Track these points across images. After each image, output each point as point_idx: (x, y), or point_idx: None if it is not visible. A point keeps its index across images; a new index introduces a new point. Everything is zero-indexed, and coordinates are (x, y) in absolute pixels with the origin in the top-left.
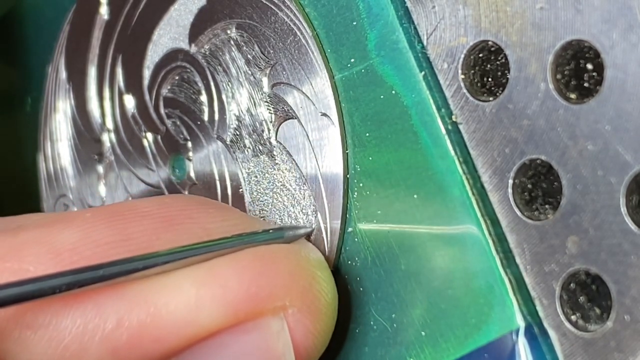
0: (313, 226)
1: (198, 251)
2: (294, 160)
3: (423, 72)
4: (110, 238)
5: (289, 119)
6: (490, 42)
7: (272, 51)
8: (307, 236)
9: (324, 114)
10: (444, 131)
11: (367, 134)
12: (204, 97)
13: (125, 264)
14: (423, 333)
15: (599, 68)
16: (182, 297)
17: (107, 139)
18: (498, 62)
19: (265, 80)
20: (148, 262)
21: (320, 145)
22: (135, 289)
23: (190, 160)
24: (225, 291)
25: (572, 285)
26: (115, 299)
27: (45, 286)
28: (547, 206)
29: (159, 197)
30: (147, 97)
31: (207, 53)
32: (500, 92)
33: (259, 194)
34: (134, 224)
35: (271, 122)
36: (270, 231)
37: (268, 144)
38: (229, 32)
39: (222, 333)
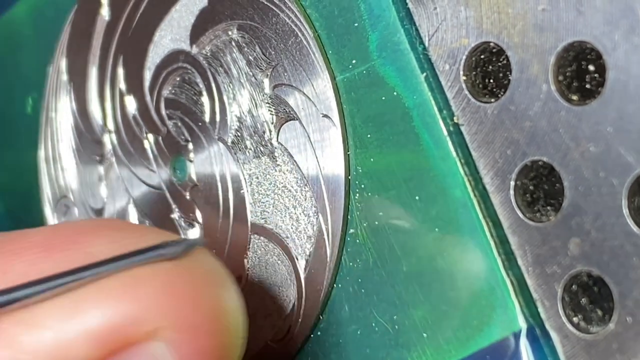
0: (202, 241)
1: (65, 279)
2: (295, 161)
3: (425, 74)
4: None
5: (290, 120)
6: (492, 44)
7: (273, 52)
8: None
9: (326, 116)
10: (445, 133)
11: (369, 136)
12: (205, 99)
13: None
14: (425, 335)
15: (601, 70)
16: (46, 334)
17: (108, 140)
18: (500, 64)
19: (266, 82)
20: (16, 296)
21: (322, 147)
22: (2, 324)
23: (191, 161)
24: (88, 324)
25: (574, 287)
26: None
27: None
28: (549, 208)
29: (54, 225)
30: (148, 98)
31: (208, 54)
32: (502, 93)
33: (261, 195)
34: (13, 257)
35: (272, 123)
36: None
37: (269, 145)
38: (230, 33)
39: None
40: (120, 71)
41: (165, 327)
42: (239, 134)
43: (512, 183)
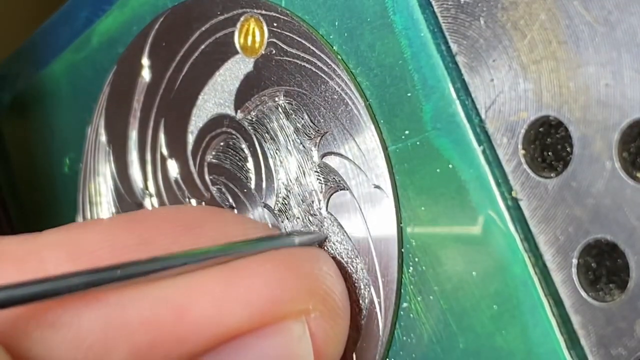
0: (327, 235)
1: (217, 253)
2: (345, 232)
3: (482, 147)
4: (129, 242)
5: (340, 190)
6: (551, 117)
7: (322, 120)
8: (320, 243)
9: (377, 186)
10: (503, 208)
11: (423, 208)
12: (250, 165)
13: (143, 265)
14: None
15: None
16: (207, 297)
17: (149, 203)
18: (558, 136)
19: (315, 150)
20: (166, 263)
21: (373, 218)
22: (160, 289)
23: None
24: (251, 292)
25: None
26: (139, 298)
27: (64, 285)
28: (611, 285)
29: (177, 205)
30: (190, 162)
31: (253, 120)
32: (560, 166)
33: None
34: (152, 228)
35: (321, 192)
36: (289, 235)
37: (318, 214)
38: (277, 99)
39: (246, 335)
40: (162, 135)
41: (315, 309)
42: (286, 202)
43: (575, 261)
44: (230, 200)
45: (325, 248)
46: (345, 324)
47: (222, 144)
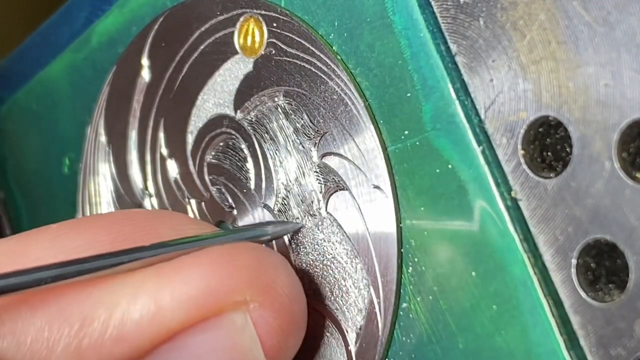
0: (302, 224)
1: (164, 250)
2: (345, 232)
3: (481, 147)
4: (78, 242)
5: (339, 190)
6: (551, 117)
7: (321, 120)
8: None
9: (377, 187)
10: (503, 208)
11: (422, 208)
12: (250, 165)
13: (95, 261)
14: None
15: None
16: (144, 296)
17: (149, 203)
18: (557, 136)
19: (314, 150)
20: (110, 262)
21: (373, 218)
22: (99, 290)
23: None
24: (186, 288)
25: None
26: (79, 301)
27: (30, 278)
28: (611, 285)
29: (127, 210)
30: (190, 162)
31: (253, 120)
32: (560, 166)
33: (308, 266)
34: (100, 229)
35: (321, 192)
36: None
37: (318, 214)
38: (276, 99)
39: (186, 331)
40: (162, 135)
41: (254, 300)
42: (286, 202)
43: (574, 261)
44: (230, 200)
45: (324, 246)
46: (293, 315)
47: (221, 144)
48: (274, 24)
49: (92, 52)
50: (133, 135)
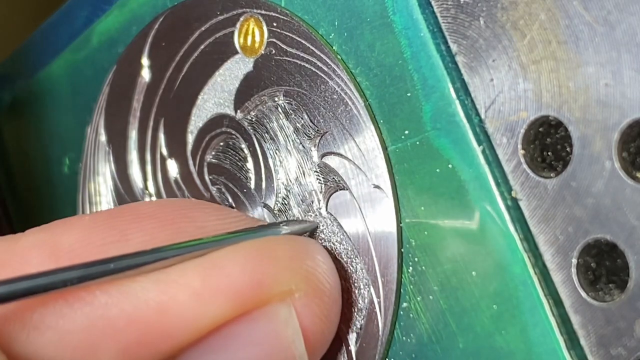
0: (317, 223)
1: (199, 247)
2: (345, 232)
3: (481, 146)
4: (109, 239)
5: (339, 190)
6: (551, 117)
7: (322, 120)
8: (312, 233)
9: (377, 186)
10: (503, 207)
11: (422, 208)
12: (250, 165)
13: (133, 258)
14: None
15: None
16: (188, 290)
17: None
18: (558, 136)
19: (314, 150)
20: (155, 257)
21: (373, 218)
22: (141, 285)
23: None
24: (230, 280)
25: None
26: (122, 296)
27: (57, 279)
28: (611, 285)
29: (158, 200)
30: (190, 162)
31: (253, 120)
32: (560, 166)
33: None
34: (131, 225)
35: (321, 192)
36: (277, 225)
37: (318, 214)
38: (276, 99)
39: (230, 324)
40: (162, 134)
41: (299, 289)
42: (286, 202)
43: (574, 261)
44: (230, 200)
45: (324, 246)
46: (333, 302)
47: (221, 143)
48: (274, 24)
49: (92, 52)
50: (133, 135)
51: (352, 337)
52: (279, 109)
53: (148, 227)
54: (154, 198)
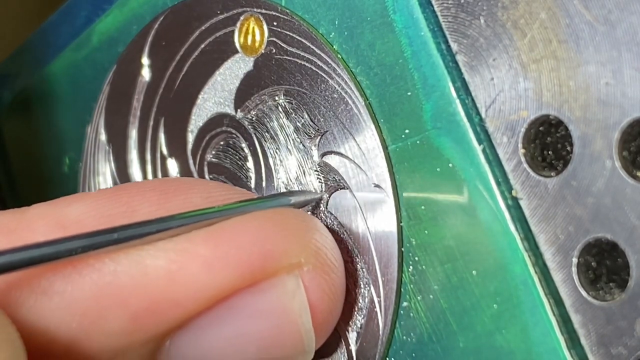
0: (323, 195)
1: (207, 216)
2: (345, 231)
3: (482, 146)
4: (115, 210)
5: (340, 189)
6: (551, 116)
7: (322, 119)
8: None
9: (377, 185)
10: (503, 207)
11: (423, 207)
12: (250, 164)
13: (139, 227)
14: None
15: None
16: (198, 258)
17: None
18: (558, 135)
19: (315, 149)
20: (161, 226)
21: (373, 217)
22: (150, 253)
23: None
24: (240, 250)
25: None
26: (131, 264)
27: (62, 248)
28: (611, 284)
29: (162, 178)
30: (190, 161)
31: (253, 119)
32: (560, 165)
33: None
34: (137, 197)
35: (321, 191)
36: (284, 195)
37: (319, 214)
38: (276, 98)
39: (238, 293)
40: (162, 133)
41: (308, 263)
42: None
43: (575, 260)
44: None
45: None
46: (339, 279)
47: (222, 143)
48: (275, 23)
49: (93, 51)
50: (133, 135)
51: (352, 336)
52: (280, 108)
53: (154, 198)
54: None
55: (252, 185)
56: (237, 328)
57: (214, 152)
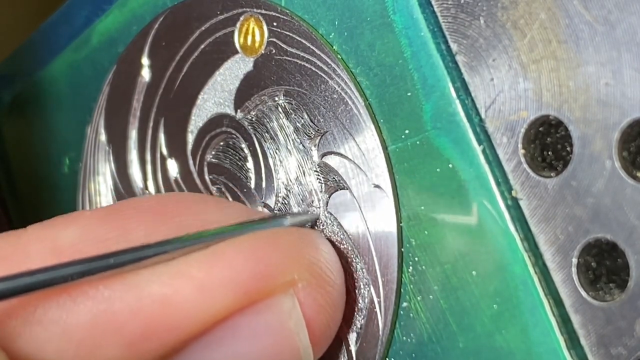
0: (318, 214)
1: (201, 239)
2: (345, 232)
3: (482, 146)
4: (110, 234)
5: (340, 189)
6: (551, 116)
7: (322, 120)
8: (313, 224)
9: (377, 186)
10: (503, 207)
11: (422, 207)
12: (250, 164)
13: (134, 252)
14: None
15: None
16: (192, 282)
17: None
18: (558, 135)
19: (314, 149)
20: (157, 250)
21: (373, 218)
22: (145, 278)
23: None
24: (233, 272)
25: None
26: (125, 290)
27: (57, 275)
28: (611, 285)
29: (158, 194)
30: (190, 162)
31: (253, 119)
32: (560, 165)
33: None
34: (132, 220)
35: (321, 192)
36: (279, 217)
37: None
38: (276, 99)
39: (234, 316)
40: (162, 134)
41: (301, 279)
42: (286, 202)
43: (575, 260)
44: (230, 199)
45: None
46: (337, 292)
47: (221, 143)
48: (274, 23)
49: (93, 52)
50: (133, 135)
51: (352, 337)
52: (279, 108)
53: (149, 221)
54: None
55: (252, 185)
56: (235, 350)
57: (213, 153)
